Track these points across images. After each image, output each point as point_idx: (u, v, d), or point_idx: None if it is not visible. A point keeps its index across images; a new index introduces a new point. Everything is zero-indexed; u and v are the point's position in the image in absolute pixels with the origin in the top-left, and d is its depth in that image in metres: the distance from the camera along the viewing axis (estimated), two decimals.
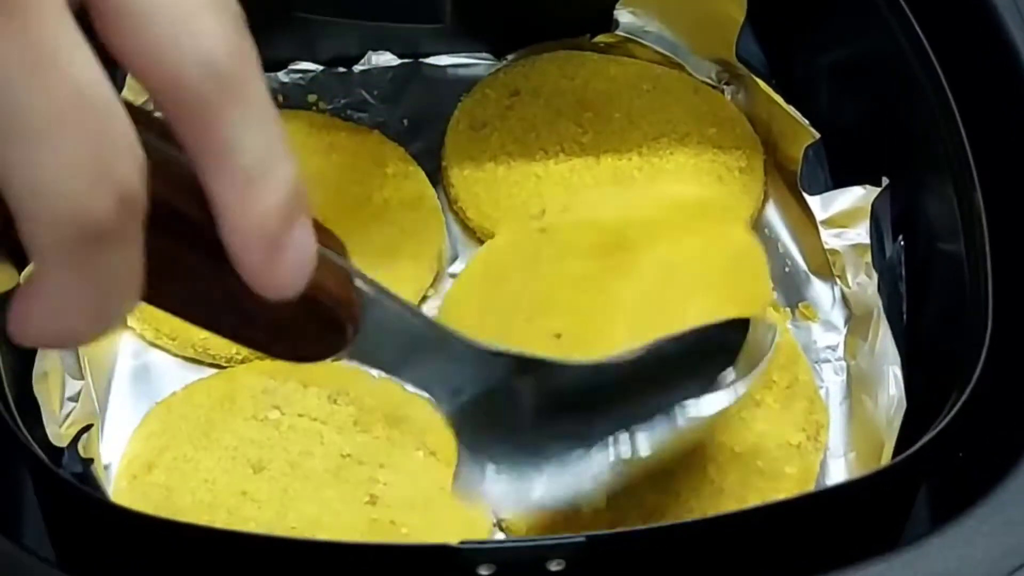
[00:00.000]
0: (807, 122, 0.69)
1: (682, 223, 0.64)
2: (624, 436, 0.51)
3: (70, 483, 0.50)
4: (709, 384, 0.53)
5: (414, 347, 0.43)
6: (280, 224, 0.30)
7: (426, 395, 0.46)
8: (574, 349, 0.60)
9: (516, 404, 0.48)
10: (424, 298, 0.68)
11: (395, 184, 0.70)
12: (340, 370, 0.62)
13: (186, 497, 0.57)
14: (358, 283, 0.39)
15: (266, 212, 0.30)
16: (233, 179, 0.30)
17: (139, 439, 0.60)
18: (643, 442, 0.51)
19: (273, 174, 0.30)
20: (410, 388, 0.46)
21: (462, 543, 0.46)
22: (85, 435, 0.58)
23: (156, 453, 0.59)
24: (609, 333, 0.60)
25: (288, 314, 0.35)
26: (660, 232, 0.63)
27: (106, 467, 0.60)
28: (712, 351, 0.53)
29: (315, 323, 0.37)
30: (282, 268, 0.31)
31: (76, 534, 0.53)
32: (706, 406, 0.52)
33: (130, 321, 0.65)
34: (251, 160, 0.30)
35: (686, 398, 0.52)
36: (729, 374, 0.53)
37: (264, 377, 0.62)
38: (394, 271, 0.65)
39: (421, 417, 0.61)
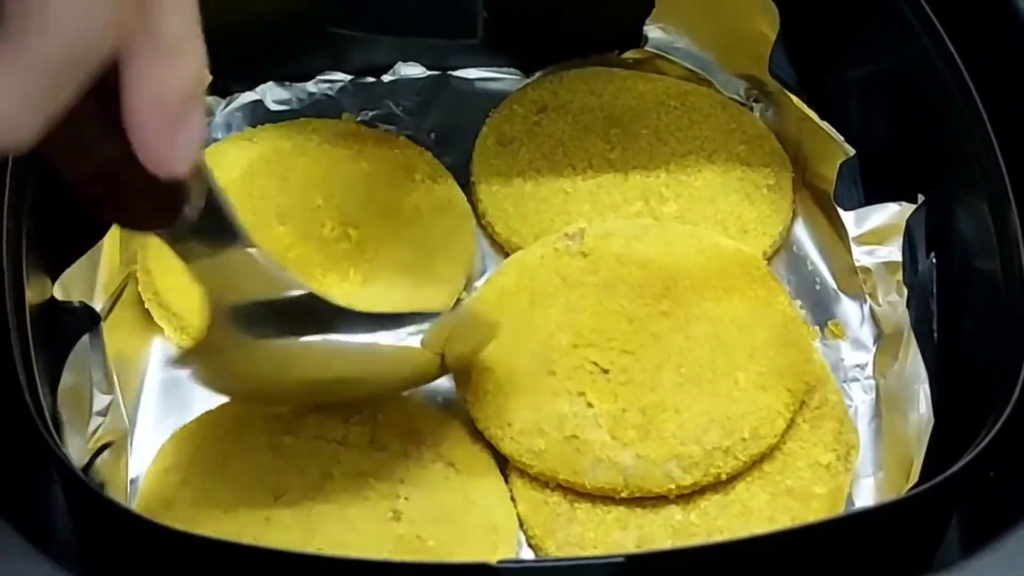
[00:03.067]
0: (842, 138, 0.68)
1: (727, 282, 0.65)
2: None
3: (104, 497, 0.50)
4: None
5: (219, 240, 0.49)
6: (185, 101, 0.33)
7: (203, 287, 0.51)
8: (621, 388, 0.61)
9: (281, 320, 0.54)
10: (458, 300, 0.68)
11: (425, 189, 0.70)
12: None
13: (209, 530, 0.56)
14: (204, 168, 0.43)
15: (177, 86, 0.33)
16: (154, 50, 0.33)
17: (155, 475, 0.60)
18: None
19: (187, 53, 0.33)
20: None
21: (500, 562, 0.46)
22: (99, 457, 0.58)
23: (174, 489, 0.59)
24: (657, 379, 0.61)
25: (144, 181, 0.38)
26: (706, 287, 0.64)
27: (133, 480, 0.60)
28: None
29: (162, 193, 0.41)
30: (178, 145, 0.34)
31: (108, 548, 0.53)
32: None
33: (168, 331, 0.65)
34: (172, 34, 0.33)
35: None
36: None
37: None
38: (429, 274, 0.66)
39: (435, 429, 0.62)
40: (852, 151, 0.68)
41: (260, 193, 0.68)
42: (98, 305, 0.62)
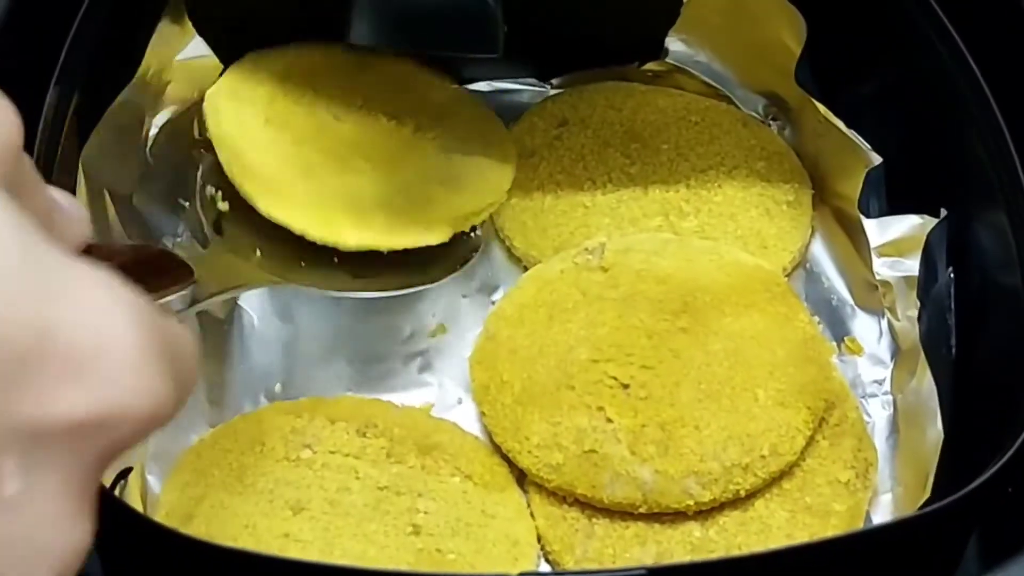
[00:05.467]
0: (868, 146, 0.68)
1: (747, 298, 0.65)
2: None
3: (128, 508, 0.50)
4: None
5: None
6: None
7: None
8: (641, 404, 0.61)
9: None
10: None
11: (439, 88, 0.73)
12: (364, 403, 0.63)
13: (229, 544, 0.56)
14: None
15: None
16: None
17: (173, 489, 0.60)
18: None
19: None
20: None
21: (521, 575, 0.46)
22: (122, 482, 0.58)
23: (193, 503, 0.59)
24: (677, 395, 0.61)
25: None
26: (726, 303, 0.64)
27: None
28: None
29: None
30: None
31: (130, 560, 0.53)
32: None
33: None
34: None
35: None
36: None
37: (291, 417, 0.62)
38: (490, 138, 0.70)
39: (452, 443, 0.62)
40: (878, 159, 0.67)
41: (303, 103, 0.68)
42: None
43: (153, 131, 0.68)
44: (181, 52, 0.68)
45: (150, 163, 0.68)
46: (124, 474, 0.57)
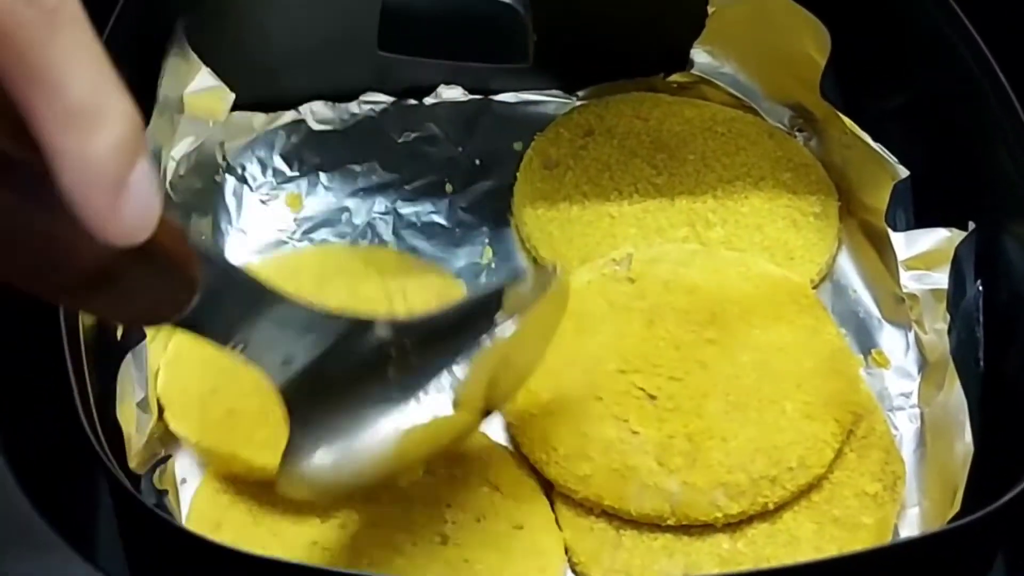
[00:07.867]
0: (894, 159, 0.68)
1: (774, 310, 0.64)
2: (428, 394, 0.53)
3: (154, 512, 0.50)
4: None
5: (247, 311, 0.45)
6: (121, 163, 0.30)
7: (256, 366, 0.47)
8: (668, 415, 0.60)
9: (341, 373, 0.50)
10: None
11: None
12: None
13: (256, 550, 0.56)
14: (194, 240, 0.40)
15: (105, 151, 0.29)
16: (65, 118, 0.29)
17: (205, 495, 0.60)
18: (443, 400, 0.53)
19: (107, 110, 0.30)
20: (238, 359, 0.46)
21: None
22: (161, 466, 0.58)
23: (222, 510, 0.59)
24: (704, 407, 0.61)
25: (128, 267, 0.35)
26: (753, 314, 0.64)
27: (183, 482, 0.60)
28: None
29: (155, 278, 0.37)
30: (126, 210, 0.30)
31: (154, 561, 0.53)
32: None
33: None
34: (81, 96, 0.29)
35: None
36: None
37: None
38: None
39: (480, 453, 0.61)
40: (905, 172, 0.67)
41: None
42: None
43: (170, 164, 0.67)
44: (191, 84, 0.68)
45: (170, 196, 0.67)
46: (163, 460, 0.58)
